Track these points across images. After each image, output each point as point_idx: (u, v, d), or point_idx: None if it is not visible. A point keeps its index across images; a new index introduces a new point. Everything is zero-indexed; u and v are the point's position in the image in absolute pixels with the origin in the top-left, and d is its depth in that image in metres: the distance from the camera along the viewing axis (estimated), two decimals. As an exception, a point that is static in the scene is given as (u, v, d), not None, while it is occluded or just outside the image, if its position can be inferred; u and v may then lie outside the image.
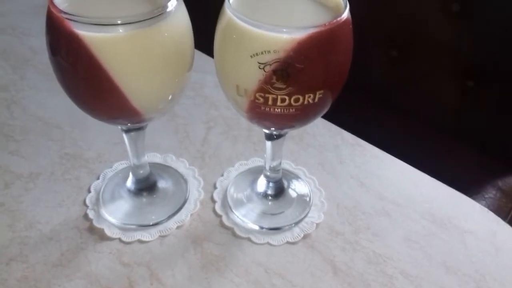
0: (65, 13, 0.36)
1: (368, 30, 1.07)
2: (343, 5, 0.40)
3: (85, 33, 0.36)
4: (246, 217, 0.51)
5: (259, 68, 0.38)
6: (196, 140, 0.62)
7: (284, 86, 0.38)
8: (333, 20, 0.37)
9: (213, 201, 0.53)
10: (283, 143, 0.50)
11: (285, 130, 0.47)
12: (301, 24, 0.37)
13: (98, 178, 0.56)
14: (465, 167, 0.98)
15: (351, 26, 0.39)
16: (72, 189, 0.54)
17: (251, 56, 0.37)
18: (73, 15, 0.36)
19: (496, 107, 0.99)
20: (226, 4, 0.39)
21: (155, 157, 0.58)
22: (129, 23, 0.37)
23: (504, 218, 0.97)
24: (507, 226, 0.54)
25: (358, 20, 0.45)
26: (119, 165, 0.57)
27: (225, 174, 0.57)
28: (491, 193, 0.98)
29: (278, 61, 0.37)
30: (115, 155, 0.58)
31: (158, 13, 0.38)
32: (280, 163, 0.52)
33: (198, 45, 0.44)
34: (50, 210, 0.52)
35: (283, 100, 0.39)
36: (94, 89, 0.39)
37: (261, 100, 0.39)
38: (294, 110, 0.40)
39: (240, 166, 0.58)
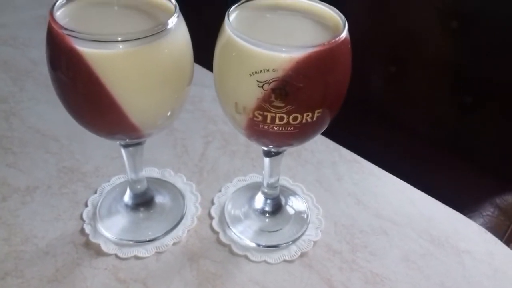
0: (66, 29, 0.36)
1: (367, 45, 1.08)
2: (342, 24, 0.40)
3: (85, 50, 0.36)
4: (243, 234, 0.51)
5: (258, 86, 0.38)
6: (194, 154, 0.62)
7: (282, 105, 0.38)
8: (332, 40, 0.37)
9: (211, 217, 0.53)
10: (281, 160, 0.50)
11: (283, 148, 0.47)
12: (300, 43, 0.37)
13: (95, 192, 0.55)
14: (463, 184, 0.98)
15: (349, 46, 0.40)
16: (69, 203, 0.54)
17: (250, 75, 0.37)
18: (73, 31, 0.36)
19: (494, 124, 1.00)
20: (226, 22, 0.40)
21: (153, 172, 0.58)
22: (130, 40, 0.37)
23: (502, 235, 0.97)
24: (504, 247, 0.54)
25: (358, 35, 0.46)
26: (117, 179, 0.57)
27: (222, 189, 0.57)
28: (489, 210, 0.97)
29: (277, 80, 0.37)
30: (113, 169, 0.58)
31: (159, 30, 0.38)
32: (278, 180, 0.52)
33: (197, 59, 0.44)
34: (46, 224, 0.52)
35: (281, 119, 0.39)
36: (93, 105, 0.39)
37: (260, 118, 0.39)
38: (292, 128, 0.40)
39: (238, 182, 0.58)
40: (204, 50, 0.48)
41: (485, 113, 0.99)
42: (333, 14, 0.41)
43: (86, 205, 0.54)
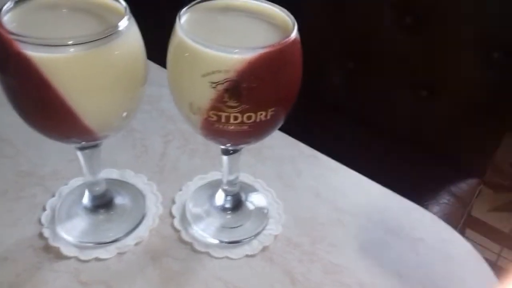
0: (13, 33, 0.36)
1: (324, 41, 1.10)
2: (291, 24, 0.41)
3: (34, 54, 0.36)
4: (205, 232, 0.52)
5: (211, 87, 0.38)
6: (154, 154, 0.62)
7: (236, 104, 0.39)
8: (282, 40, 0.38)
9: (172, 216, 0.54)
10: (240, 158, 0.50)
11: (241, 146, 0.48)
12: (251, 44, 0.38)
13: (53, 196, 0.55)
14: (420, 174, 1.01)
15: (300, 45, 0.41)
16: (27, 208, 0.53)
17: (203, 76, 0.38)
18: (21, 35, 0.36)
19: (448, 115, 1.03)
20: (177, 24, 0.40)
21: (112, 173, 0.58)
22: (79, 43, 0.37)
23: (457, 222, 1.01)
24: (455, 233, 0.56)
25: (316, 31, 0.47)
26: (75, 182, 0.56)
27: (183, 188, 0.57)
28: (445, 198, 1.01)
29: (229, 81, 0.38)
30: (71, 171, 0.58)
31: (109, 33, 0.38)
32: (237, 177, 0.53)
33: (153, 57, 0.44)
34: (4, 229, 0.51)
35: (236, 118, 0.40)
36: (45, 109, 0.39)
37: (215, 118, 0.40)
38: (247, 127, 0.41)
39: (199, 180, 0.58)
40: (160, 48, 0.48)
41: (439, 105, 1.03)
42: (282, 15, 0.42)
43: (45, 209, 0.53)
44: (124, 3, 0.42)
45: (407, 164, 1.03)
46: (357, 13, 1.05)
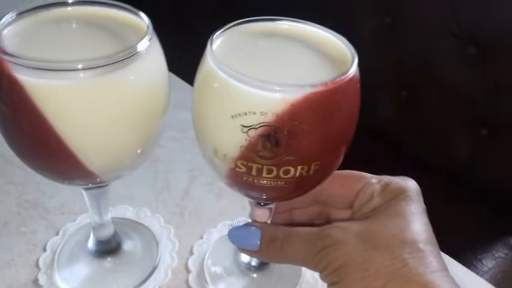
0: (5, 53, 0.29)
1: (375, 66, 1.01)
2: (350, 58, 0.32)
3: (27, 79, 0.29)
4: (225, 295, 0.43)
5: (242, 131, 0.30)
6: (177, 191, 0.54)
7: (271, 155, 0.31)
8: (337, 78, 0.30)
9: (188, 271, 0.46)
10: (273, 209, 0.42)
11: (273, 202, 0.39)
12: (297, 81, 0.29)
13: (57, 234, 0.48)
14: (475, 222, 0.91)
15: (359, 85, 0.32)
16: (25, 246, 0.47)
17: (233, 117, 0.30)
18: (14, 56, 0.29)
19: (510, 158, 0.92)
20: (207, 50, 0.32)
21: (127, 211, 0.51)
22: (86, 69, 0.30)
23: (515, 280, 0.89)
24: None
25: (368, 55, 0.39)
26: (84, 219, 0.49)
27: (205, 236, 0.49)
28: (502, 252, 0.89)
29: (265, 125, 0.30)
30: (80, 206, 0.51)
31: (124, 56, 0.31)
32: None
33: (188, 77, 0.36)
34: (-4, 270, 0.44)
35: (270, 171, 0.32)
36: (38, 147, 0.32)
37: (243, 169, 0.32)
38: (283, 183, 0.32)
39: (224, 227, 0.50)
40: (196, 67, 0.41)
41: (502, 147, 0.92)
42: (339, 45, 0.34)
43: (45, 249, 0.46)
44: (147, 20, 0.34)
45: (460, 209, 0.93)
46: (415, 40, 0.96)
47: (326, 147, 0.32)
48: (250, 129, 0.30)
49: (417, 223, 0.32)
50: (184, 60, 0.56)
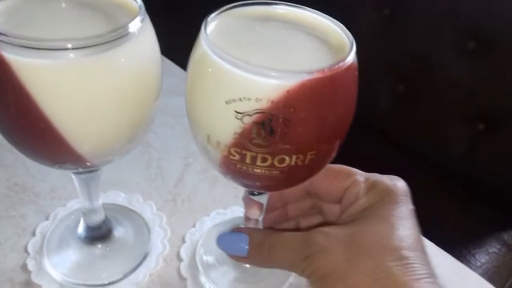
0: (-8, 29, 0.28)
1: (373, 59, 1.00)
2: (348, 45, 0.31)
3: (15, 58, 0.28)
4: (216, 284, 0.43)
5: (236, 118, 0.29)
6: (170, 178, 0.53)
7: (266, 143, 0.30)
8: (335, 65, 0.29)
9: (179, 259, 0.45)
10: (267, 197, 0.41)
11: (267, 191, 0.38)
12: (293, 67, 0.29)
13: (47, 219, 0.47)
14: (469, 217, 0.91)
15: (356, 72, 0.31)
16: (14, 230, 0.46)
17: (227, 102, 0.29)
18: (0, 33, 0.28)
19: (506, 153, 0.92)
20: (201, 33, 0.31)
21: (118, 197, 0.50)
22: (76, 48, 0.28)
23: (507, 276, 0.89)
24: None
25: (366, 47, 0.38)
26: (74, 204, 0.48)
27: (197, 224, 0.48)
28: (495, 247, 0.89)
29: (260, 112, 0.29)
30: (71, 190, 0.50)
31: (115, 36, 0.30)
32: (262, 218, 0.44)
33: (183, 62, 0.35)
34: (-17, 254, 0.43)
35: (264, 160, 0.31)
36: (25, 129, 0.31)
37: (237, 156, 0.31)
38: (278, 172, 0.32)
39: (217, 216, 0.49)
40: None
41: (498, 142, 0.91)
42: (338, 31, 0.33)
43: (34, 234, 0.45)
44: (139, 1, 0.33)
45: (455, 203, 0.93)
46: (414, 33, 0.95)
47: (322, 136, 0.31)
48: (244, 115, 0.29)
49: (402, 228, 0.31)
50: (178, 44, 0.55)
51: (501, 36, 0.85)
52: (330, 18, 0.34)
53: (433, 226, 0.54)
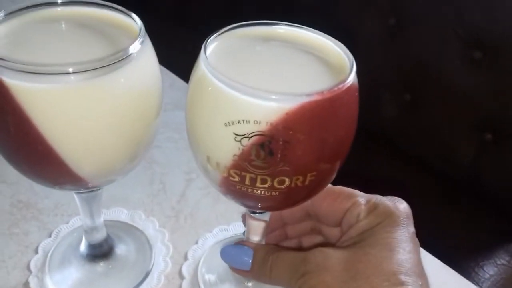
0: (-9, 54, 0.28)
1: (379, 68, 0.99)
2: (348, 65, 0.31)
3: (14, 83, 0.28)
4: (217, 302, 0.42)
5: (235, 140, 0.29)
6: (173, 194, 0.53)
7: (265, 165, 0.30)
8: (334, 87, 0.29)
9: (181, 277, 0.45)
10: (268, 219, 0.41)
11: (267, 211, 0.38)
12: (292, 89, 0.28)
13: (50, 236, 0.47)
14: (477, 228, 0.90)
15: (357, 93, 0.31)
16: (17, 247, 0.46)
17: (226, 125, 0.29)
18: (0, 58, 0.28)
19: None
20: (201, 55, 0.31)
21: (121, 214, 0.50)
22: (75, 72, 0.29)
23: (517, 288, 0.88)
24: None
25: (371, 56, 0.38)
26: (77, 221, 0.49)
27: (200, 241, 0.48)
28: (504, 259, 0.88)
29: (259, 135, 0.29)
30: (75, 207, 0.49)
31: (115, 59, 0.30)
32: (263, 238, 0.43)
33: (188, 76, 0.35)
34: (-14, 272, 0.43)
35: (264, 181, 0.31)
36: (25, 152, 0.31)
37: (237, 178, 0.31)
38: (277, 193, 0.31)
39: (219, 232, 0.49)
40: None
41: (506, 152, 0.91)
42: (338, 51, 0.33)
43: (37, 251, 0.45)
44: (139, 22, 0.33)
45: (462, 214, 0.92)
46: (420, 42, 0.94)
47: (322, 158, 0.31)
48: (243, 137, 0.29)
49: (402, 251, 0.31)
50: (183, 58, 0.55)
51: (507, 45, 0.85)
52: (331, 37, 0.34)
53: (440, 237, 0.53)
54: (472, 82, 0.90)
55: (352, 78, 0.30)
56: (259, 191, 0.31)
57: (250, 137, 0.29)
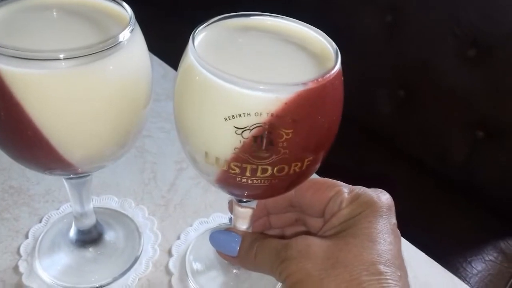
0: (-17, 40, 0.29)
1: (374, 66, 1.00)
2: (333, 53, 0.32)
3: (5, 68, 0.29)
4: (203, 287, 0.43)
5: (236, 133, 0.29)
6: (163, 183, 0.54)
7: (266, 155, 0.30)
8: (326, 74, 0.29)
9: (170, 256, 0.45)
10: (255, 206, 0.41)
11: (260, 199, 0.39)
12: (287, 79, 0.29)
13: (40, 221, 0.48)
14: (466, 224, 0.91)
15: (342, 77, 0.32)
16: (7, 232, 0.46)
17: (226, 119, 0.29)
18: (-9, 44, 0.28)
19: (505, 162, 0.91)
20: (190, 46, 0.31)
21: (111, 201, 0.51)
22: (65, 58, 0.29)
23: (504, 285, 0.89)
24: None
25: (367, 54, 0.38)
26: (67, 208, 0.49)
27: (189, 229, 0.49)
28: (492, 255, 0.89)
29: (260, 126, 0.29)
30: (65, 194, 0.50)
31: (105, 47, 0.30)
32: (250, 226, 0.44)
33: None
34: (-24, 255, 0.44)
35: (264, 171, 0.31)
36: (15, 135, 0.31)
37: (237, 170, 0.31)
38: (277, 180, 0.32)
39: (208, 222, 0.50)
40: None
41: (497, 150, 0.91)
42: (320, 40, 0.34)
43: (27, 236, 0.46)
44: (129, 10, 0.34)
45: (453, 210, 0.93)
46: (416, 39, 0.95)
47: (319, 142, 0.31)
48: (244, 130, 0.29)
49: (383, 242, 0.31)
50: (176, 48, 0.55)
51: (501, 43, 0.85)
52: (313, 27, 0.34)
53: (430, 232, 0.54)
54: (466, 79, 0.90)
55: (339, 64, 0.31)
56: (258, 180, 0.32)
57: (251, 129, 0.29)
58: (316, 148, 0.32)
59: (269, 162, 0.31)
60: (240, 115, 0.29)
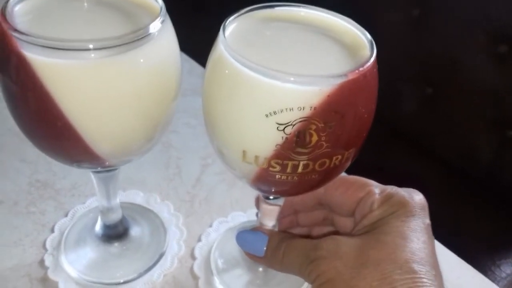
0: (15, 30, 0.28)
1: (400, 61, 0.98)
2: (367, 44, 0.31)
3: (35, 57, 0.28)
4: (229, 286, 0.42)
5: (278, 130, 0.28)
6: (188, 179, 0.53)
7: (308, 150, 0.29)
8: (365, 64, 0.29)
9: (194, 260, 0.45)
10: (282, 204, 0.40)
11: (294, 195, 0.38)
12: (324, 71, 0.29)
13: (66, 215, 0.48)
14: (495, 227, 0.88)
15: (377, 67, 0.31)
16: (33, 226, 0.46)
17: (267, 116, 0.28)
18: (23, 33, 0.28)
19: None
20: (220, 37, 0.30)
21: (136, 196, 0.50)
22: (95, 49, 0.28)
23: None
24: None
25: (393, 49, 0.37)
26: (93, 202, 0.49)
27: (214, 225, 0.48)
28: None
29: (303, 120, 0.28)
30: (91, 188, 0.50)
31: (135, 38, 0.30)
32: (276, 224, 0.43)
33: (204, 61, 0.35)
34: (3, 249, 0.44)
35: (305, 166, 0.30)
36: (44, 127, 0.31)
37: (277, 168, 0.30)
38: (317, 175, 0.31)
39: (234, 218, 0.49)
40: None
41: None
42: (353, 30, 0.33)
43: (53, 230, 0.46)
44: (160, 2, 0.33)
45: (480, 212, 0.90)
46: (444, 34, 0.92)
47: (359, 133, 0.31)
48: (286, 126, 0.28)
49: (416, 241, 0.30)
50: (203, 44, 0.55)
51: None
52: (345, 17, 0.33)
53: (457, 235, 0.52)
54: (496, 77, 0.88)
55: (375, 54, 0.30)
56: (297, 177, 0.31)
57: (294, 125, 0.28)
58: (357, 139, 0.31)
59: (311, 158, 0.30)
60: (282, 111, 0.28)
